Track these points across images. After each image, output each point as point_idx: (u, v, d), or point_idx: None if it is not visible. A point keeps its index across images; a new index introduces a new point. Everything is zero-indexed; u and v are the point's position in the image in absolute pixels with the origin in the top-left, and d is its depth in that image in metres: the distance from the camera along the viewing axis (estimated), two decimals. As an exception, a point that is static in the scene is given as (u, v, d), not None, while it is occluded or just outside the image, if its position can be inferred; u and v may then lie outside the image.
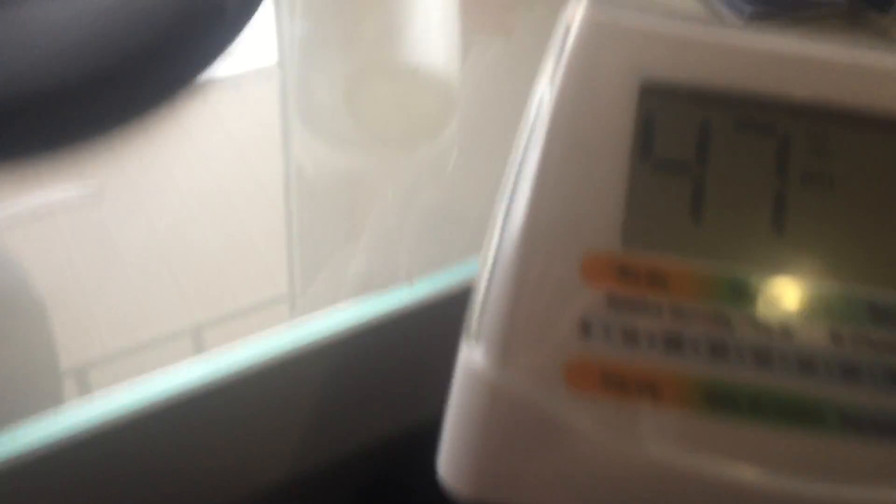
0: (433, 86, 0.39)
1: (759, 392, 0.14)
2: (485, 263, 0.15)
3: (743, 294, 0.14)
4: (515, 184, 0.15)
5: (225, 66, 0.37)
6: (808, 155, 0.15)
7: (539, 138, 0.15)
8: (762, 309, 0.14)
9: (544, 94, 0.15)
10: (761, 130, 0.15)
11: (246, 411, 0.25)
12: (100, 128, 0.33)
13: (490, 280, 0.15)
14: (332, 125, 0.36)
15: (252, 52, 0.38)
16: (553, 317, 0.14)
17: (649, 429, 0.14)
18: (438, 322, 0.23)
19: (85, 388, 0.25)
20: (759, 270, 0.14)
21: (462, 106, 0.37)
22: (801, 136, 0.15)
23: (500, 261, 0.15)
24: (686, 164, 0.15)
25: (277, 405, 0.26)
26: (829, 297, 0.14)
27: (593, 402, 0.14)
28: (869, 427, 0.14)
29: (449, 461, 0.14)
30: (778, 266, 0.14)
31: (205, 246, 0.29)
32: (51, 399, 0.24)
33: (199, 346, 0.26)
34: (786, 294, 0.14)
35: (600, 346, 0.14)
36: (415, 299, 0.25)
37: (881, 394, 0.14)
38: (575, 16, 0.15)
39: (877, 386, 0.14)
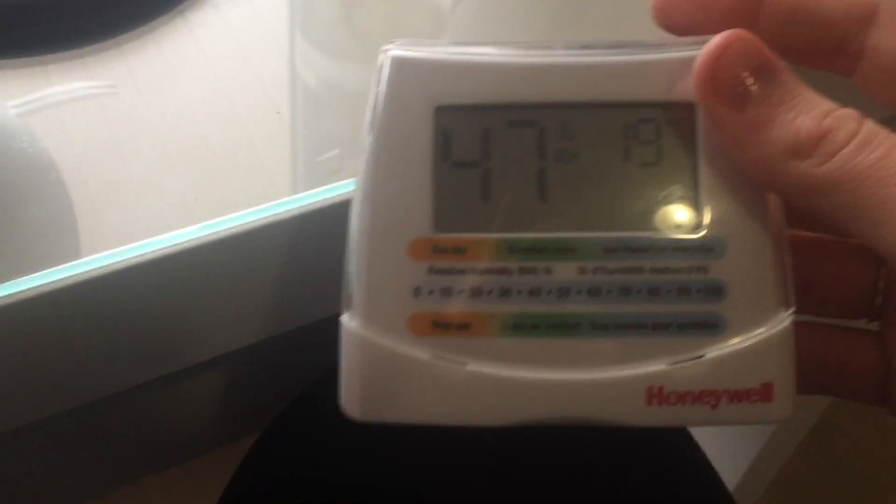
0: (425, 4, 0.40)
1: (535, 316, 0.20)
2: (346, 257, 0.20)
3: (518, 250, 0.20)
4: (357, 195, 0.20)
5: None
6: (559, 138, 0.20)
7: (368, 158, 0.20)
8: (531, 258, 0.20)
9: (367, 121, 0.21)
10: (525, 126, 0.20)
11: (234, 270, 0.30)
12: (115, 31, 0.36)
13: (350, 268, 0.20)
14: (331, 38, 0.38)
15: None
16: (394, 287, 0.20)
17: (467, 352, 0.20)
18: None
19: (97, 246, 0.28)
20: (530, 231, 0.20)
21: (451, 24, 0.39)
22: (553, 126, 0.20)
23: (354, 254, 0.20)
24: (475, 161, 0.20)
25: (259, 268, 0.31)
26: (575, 242, 0.20)
27: (429, 341, 0.20)
28: (610, 328, 0.20)
29: (345, 396, 0.20)
30: (543, 226, 0.20)
31: (205, 137, 0.32)
32: (70, 253, 0.28)
33: (192, 217, 0.29)
34: (547, 245, 0.20)
35: (428, 303, 0.20)
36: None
37: (616, 304, 0.20)
38: (386, 55, 0.21)
39: (612, 299, 0.20)
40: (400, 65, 0.21)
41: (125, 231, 0.29)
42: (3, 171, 0.27)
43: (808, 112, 0.18)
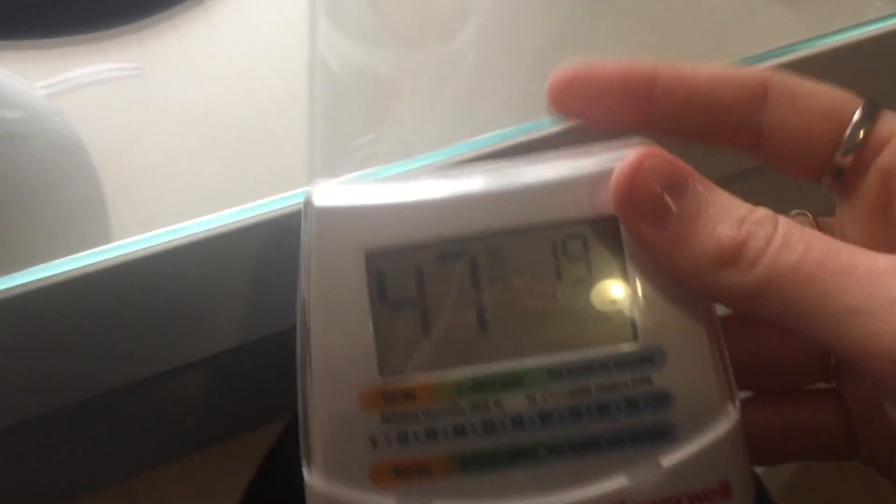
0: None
1: (493, 451, 0.20)
2: (299, 410, 0.21)
3: (467, 388, 0.20)
4: (299, 349, 0.21)
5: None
6: (490, 265, 0.21)
7: (304, 312, 0.20)
8: (481, 394, 0.20)
9: (300, 273, 0.21)
10: (455, 258, 0.21)
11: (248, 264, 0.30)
12: (134, 16, 0.36)
13: (305, 428, 0.20)
14: (357, 22, 0.37)
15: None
16: (351, 440, 0.20)
17: (431, 495, 0.20)
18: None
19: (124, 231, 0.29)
20: (475, 364, 0.20)
21: (479, 9, 0.38)
22: (483, 254, 0.21)
23: (308, 412, 0.20)
24: (411, 300, 0.21)
25: (288, 255, 0.31)
26: (520, 372, 0.20)
27: (391, 488, 0.20)
28: (567, 450, 0.20)
29: None
30: (486, 357, 0.20)
31: (226, 124, 0.32)
32: (100, 236, 0.29)
33: (216, 203, 0.29)
34: (494, 379, 0.20)
35: (386, 451, 0.20)
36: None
37: (568, 427, 0.20)
38: (310, 205, 0.21)
39: (564, 423, 0.20)
40: (325, 215, 0.21)
41: (151, 216, 0.29)
42: (38, 152, 0.28)
43: (726, 220, 0.19)
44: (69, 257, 0.26)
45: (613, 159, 0.20)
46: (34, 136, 0.28)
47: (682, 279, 0.20)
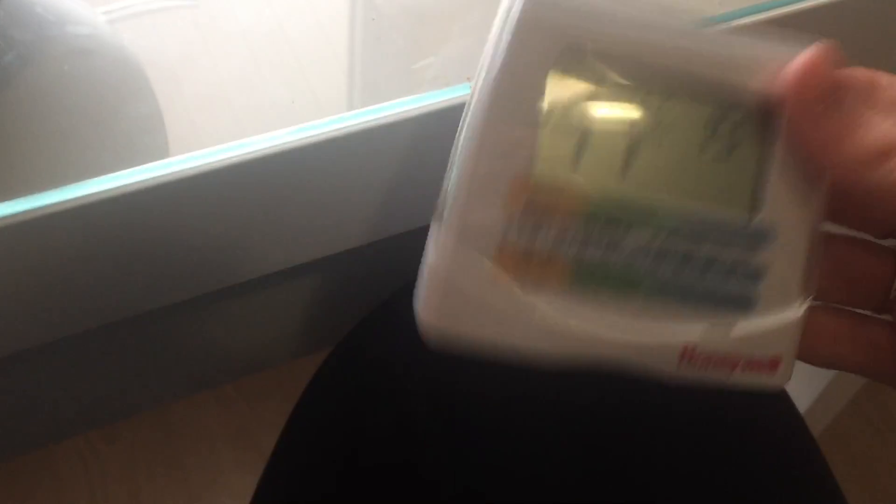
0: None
1: (606, 269, 0.22)
2: (448, 173, 0.22)
3: (603, 209, 0.22)
4: (465, 126, 0.22)
5: None
6: (657, 107, 0.22)
7: (482, 92, 0.21)
8: (612, 217, 0.22)
9: (488, 55, 0.22)
10: (629, 91, 0.22)
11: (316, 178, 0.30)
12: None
13: (451, 185, 0.22)
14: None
15: None
16: (489, 217, 0.22)
17: (542, 289, 0.22)
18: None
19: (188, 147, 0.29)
20: (613, 193, 0.22)
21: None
22: (653, 92, 0.22)
23: (458, 176, 0.22)
24: (581, 115, 0.22)
25: (352, 174, 0.31)
26: (656, 209, 0.22)
27: (511, 271, 0.22)
28: (668, 290, 0.23)
29: (424, 302, 0.22)
30: (624, 189, 0.22)
31: (293, 46, 0.33)
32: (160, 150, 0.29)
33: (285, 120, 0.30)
34: (632, 206, 0.22)
35: (517, 237, 0.22)
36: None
37: (676, 270, 0.23)
38: None
39: (674, 265, 0.23)
40: (535, 4, 0.21)
41: (206, 134, 0.30)
42: (103, 69, 0.28)
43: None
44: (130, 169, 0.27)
45: (791, 45, 0.21)
46: (100, 53, 0.29)
47: (841, 166, 0.21)
